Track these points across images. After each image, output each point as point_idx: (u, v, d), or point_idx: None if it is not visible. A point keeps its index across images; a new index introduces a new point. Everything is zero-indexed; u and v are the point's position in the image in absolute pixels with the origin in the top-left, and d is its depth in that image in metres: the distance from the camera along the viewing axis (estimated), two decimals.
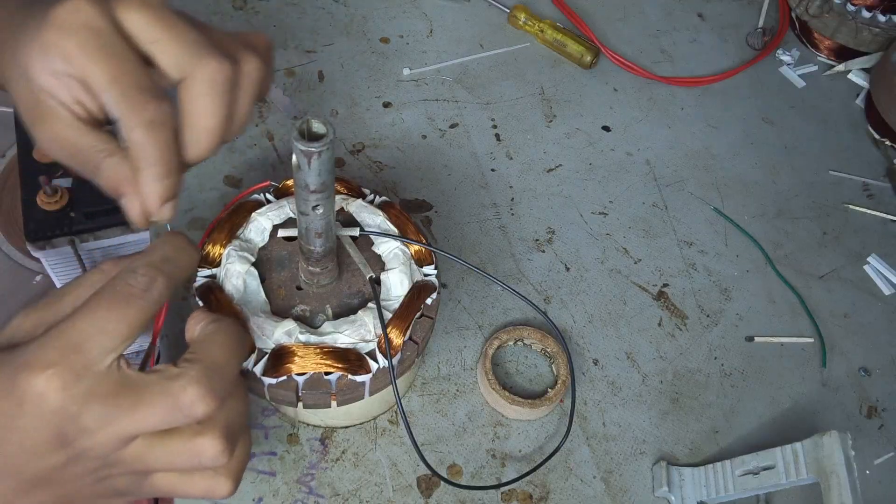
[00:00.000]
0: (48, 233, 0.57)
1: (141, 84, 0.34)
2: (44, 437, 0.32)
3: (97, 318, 0.33)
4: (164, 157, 0.35)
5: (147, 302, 0.34)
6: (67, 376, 0.31)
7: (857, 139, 0.77)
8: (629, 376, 0.59)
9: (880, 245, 0.69)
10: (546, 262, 0.64)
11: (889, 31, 0.78)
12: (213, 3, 0.75)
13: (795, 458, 0.49)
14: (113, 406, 0.32)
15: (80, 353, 0.32)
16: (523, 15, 0.77)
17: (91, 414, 0.32)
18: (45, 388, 0.31)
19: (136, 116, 0.34)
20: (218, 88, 0.35)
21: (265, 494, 0.50)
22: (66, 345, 0.32)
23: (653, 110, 0.75)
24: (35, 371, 0.31)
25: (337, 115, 0.69)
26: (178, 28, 0.35)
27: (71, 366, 0.32)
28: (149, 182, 0.35)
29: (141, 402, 0.33)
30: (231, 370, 0.36)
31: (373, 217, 0.50)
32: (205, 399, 0.33)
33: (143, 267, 0.34)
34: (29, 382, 0.31)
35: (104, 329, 0.32)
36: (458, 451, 0.53)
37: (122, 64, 0.34)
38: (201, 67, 0.35)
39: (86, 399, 0.32)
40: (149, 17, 0.34)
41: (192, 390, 0.33)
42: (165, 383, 0.33)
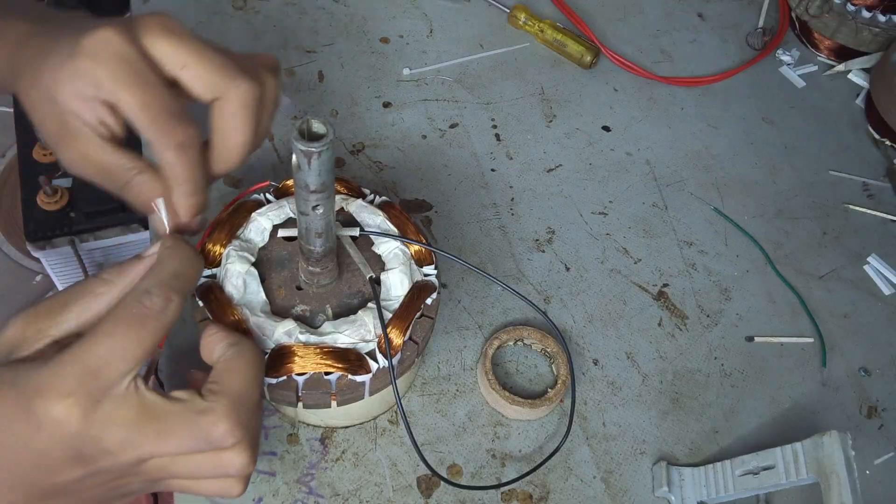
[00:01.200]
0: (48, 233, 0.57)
1: (170, 109, 0.36)
2: (62, 457, 0.32)
3: (114, 342, 0.33)
4: (193, 176, 0.37)
5: (163, 323, 0.34)
6: (87, 403, 0.32)
7: (857, 139, 0.77)
8: (629, 376, 0.59)
9: (880, 245, 0.69)
10: (546, 262, 0.64)
11: (889, 31, 0.78)
12: (213, 4, 0.75)
13: (795, 458, 0.49)
14: (137, 433, 0.33)
15: (97, 378, 0.32)
16: (523, 15, 0.77)
17: (113, 437, 0.33)
18: (64, 416, 0.31)
19: (167, 140, 0.36)
20: (250, 107, 0.38)
21: (265, 494, 0.50)
22: (83, 371, 0.32)
23: (653, 110, 0.75)
24: (52, 398, 0.31)
25: (337, 115, 0.69)
26: (206, 53, 0.37)
27: (89, 392, 0.32)
28: (180, 198, 0.38)
29: (167, 431, 0.33)
30: (255, 397, 0.37)
31: (373, 217, 0.50)
32: (234, 432, 0.34)
33: (157, 287, 0.35)
34: (47, 410, 0.31)
35: (122, 354, 0.33)
36: (458, 451, 0.53)
37: (152, 90, 0.35)
38: (234, 88, 0.37)
39: (106, 423, 0.32)
40: (177, 44, 0.36)
41: (222, 426, 0.34)
42: (195, 417, 0.34)
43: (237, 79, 0.37)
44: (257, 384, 0.38)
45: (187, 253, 0.37)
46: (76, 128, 0.36)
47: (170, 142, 0.36)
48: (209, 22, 0.74)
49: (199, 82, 0.37)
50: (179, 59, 0.36)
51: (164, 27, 0.36)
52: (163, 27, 0.36)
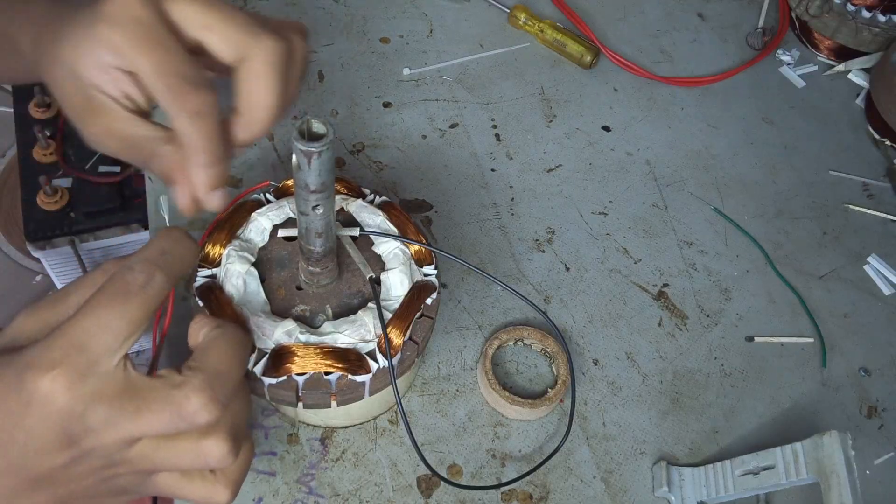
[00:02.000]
0: (48, 233, 0.57)
1: (186, 74, 0.35)
2: (50, 437, 0.32)
3: (97, 316, 0.33)
4: (209, 146, 0.36)
5: (146, 297, 0.34)
6: (73, 375, 0.32)
7: (857, 139, 0.77)
8: (629, 376, 0.59)
9: (880, 245, 0.69)
10: (546, 262, 0.64)
11: (889, 31, 0.78)
12: None
13: (795, 458, 0.49)
14: (118, 409, 0.32)
15: (83, 351, 0.32)
16: (523, 15, 0.77)
17: (97, 414, 0.32)
18: (50, 388, 0.31)
19: (181, 106, 0.35)
20: (276, 66, 0.36)
21: (265, 494, 0.50)
22: (69, 344, 0.32)
23: (653, 110, 0.75)
24: (40, 371, 0.31)
25: (337, 115, 0.69)
26: (230, 13, 0.36)
27: (75, 365, 0.32)
28: (196, 169, 0.36)
29: (145, 407, 0.33)
30: (234, 376, 0.36)
31: (373, 217, 0.50)
32: (207, 407, 0.34)
33: (139, 263, 0.34)
34: (35, 383, 0.31)
35: (106, 327, 0.33)
36: (458, 451, 0.53)
37: (168, 55, 0.34)
38: (260, 46, 0.36)
39: (92, 399, 0.32)
40: (199, 5, 0.35)
41: (195, 399, 0.33)
42: (169, 391, 0.33)
43: (262, 36, 0.36)
44: (238, 364, 0.37)
45: (178, 235, 0.36)
46: (100, 101, 0.36)
47: (184, 108, 0.35)
48: None
49: (223, 43, 0.36)
50: (203, 19, 0.35)
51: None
52: None
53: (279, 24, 0.39)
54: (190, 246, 0.37)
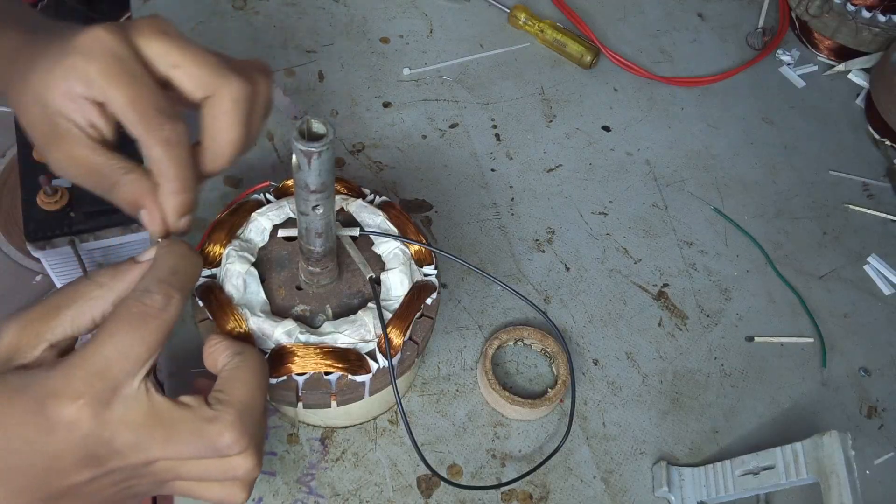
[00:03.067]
0: (48, 233, 0.57)
1: (158, 105, 0.36)
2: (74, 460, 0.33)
3: (118, 342, 0.33)
4: (181, 174, 0.37)
5: (166, 321, 0.35)
6: (97, 404, 0.32)
7: (857, 139, 0.77)
8: (629, 376, 0.59)
9: (880, 245, 0.69)
10: (546, 262, 0.64)
11: (889, 31, 0.78)
12: (213, 3, 0.75)
13: (795, 458, 0.49)
14: (146, 437, 0.33)
15: (105, 379, 0.33)
16: (523, 15, 0.77)
17: (123, 439, 0.33)
18: (76, 417, 0.32)
19: (155, 135, 0.36)
20: (241, 104, 0.38)
21: (265, 494, 0.50)
22: (91, 373, 0.33)
23: (653, 110, 0.75)
24: (64, 401, 0.32)
25: (337, 115, 0.69)
26: (198, 52, 0.38)
27: (99, 393, 0.32)
28: (167, 196, 0.38)
29: (175, 437, 0.34)
30: (260, 406, 0.38)
31: (373, 217, 0.50)
32: (239, 442, 0.35)
33: (156, 285, 0.35)
34: (59, 412, 0.32)
35: (127, 353, 0.33)
36: (458, 451, 0.53)
37: (141, 87, 0.36)
38: (226, 86, 0.38)
39: (117, 424, 0.33)
40: (169, 44, 0.37)
41: (229, 436, 0.35)
42: (202, 425, 0.34)
43: (229, 76, 0.38)
44: (262, 392, 0.38)
45: (184, 250, 0.37)
46: (66, 129, 0.37)
47: (158, 137, 0.36)
48: (209, 22, 0.74)
49: (191, 80, 0.37)
50: (172, 58, 0.37)
51: (157, 28, 0.37)
52: (156, 28, 0.37)
53: (244, 63, 0.41)
54: (196, 260, 0.38)
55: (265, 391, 0.39)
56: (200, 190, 0.40)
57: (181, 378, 0.52)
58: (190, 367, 0.52)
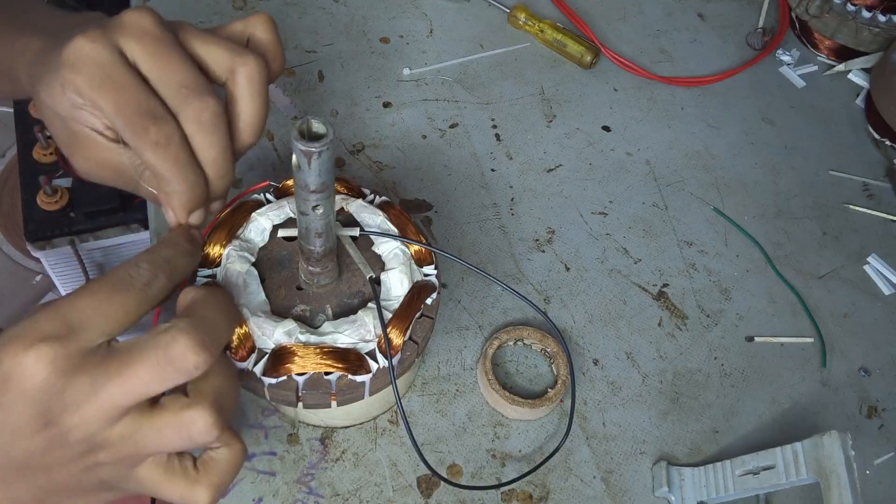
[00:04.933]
0: (48, 233, 0.57)
1: (144, 109, 0.36)
2: (27, 416, 0.31)
3: (96, 298, 0.33)
4: (178, 173, 0.37)
5: (147, 295, 0.35)
6: (58, 352, 0.31)
7: (857, 139, 0.77)
8: (629, 376, 0.59)
9: (880, 245, 0.69)
10: (546, 262, 0.64)
11: (889, 31, 0.78)
12: (213, 3, 0.75)
13: (795, 458, 0.49)
14: (101, 374, 0.32)
15: (75, 331, 0.32)
16: (523, 15, 0.77)
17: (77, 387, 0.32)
18: (33, 363, 0.31)
19: (143, 140, 0.36)
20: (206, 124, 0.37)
21: (265, 494, 0.50)
22: (60, 319, 0.32)
23: (653, 110, 0.75)
24: (25, 344, 0.31)
25: (337, 115, 0.69)
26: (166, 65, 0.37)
27: (63, 343, 0.31)
28: (169, 197, 0.38)
29: (129, 361, 0.32)
30: (221, 330, 0.36)
31: (373, 217, 0.50)
32: (195, 350, 0.32)
33: (146, 262, 0.35)
34: (16, 357, 0.31)
35: (103, 312, 0.33)
36: (458, 451, 0.53)
37: (125, 92, 0.36)
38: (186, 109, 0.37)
39: (73, 374, 0.32)
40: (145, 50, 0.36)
41: (182, 340, 0.32)
42: (153, 338, 0.33)
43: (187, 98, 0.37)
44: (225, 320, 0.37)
45: (184, 247, 0.38)
46: (85, 134, 0.37)
47: (146, 141, 0.36)
48: (209, 22, 0.74)
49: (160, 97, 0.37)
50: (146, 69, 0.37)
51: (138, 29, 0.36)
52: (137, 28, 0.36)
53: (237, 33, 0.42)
54: (192, 260, 0.38)
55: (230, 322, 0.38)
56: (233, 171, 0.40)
57: None
58: None
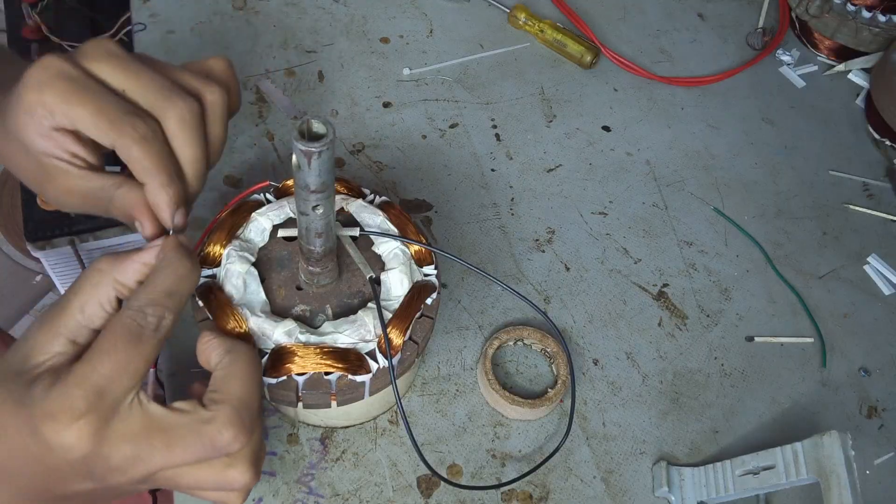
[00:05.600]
0: (48, 233, 0.57)
1: (123, 109, 0.37)
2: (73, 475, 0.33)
3: (115, 360, 0.34)
4: (162, 166, 0.38)
5: (159, 338, 0.35)
6: (97, 424, 0.33)
7: (857, 139, 0.77)
8: (629, 376, 0.59)
9: (880, 245, 0.69)
10: (546, 262, 0.64)
11: (889, 31, 0.78)
12: (213, 3, 0.75)
13: (795, 458, 0.49)
14: (146, 446, 0.34)
15: (104, 398, 0.33)
16: (523, 15, 0.77)
17: (121, 454, 0.33)
18: (76, 440, 0.32)
19: (129, 136, 0.36)
20: (188, 124, 0.38)
21: (265, 494, 0.50)
22: (90, 392, 0.33)
23: (653, 110, 0.75)
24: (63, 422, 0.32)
25: (337, 115, 0.69)
26: (142, 75, 0.38)
27: (98, 412, 0.33)
28: (155, 192, 0.38)
29: (175, 443, 0.34)
30: (256, 401, 0.38)
31: (373, 217, 0.50)
32: (238, 439, 0.35)
33: (150, 306, 0.35)
34: (58, 434, 0.32)
35: (124, 371, 0.34)
36: (458, 451, 0.53)
37: (101, 98, 0.36)
38: (170, 108, 0.38)
39: (115, 441, 0.33)
40: (115, 67, 0.37)
41: (227, 433, 0.35)
42: (200, 426, 0.35)
43: (171, 99, 0.38)
44: (257, 388, 0.38)
45: (183, 270, 0.37)
46: (53, 165, 0.38)
47: (133, 137, 0.36)
48: (209, 22, 0.74)
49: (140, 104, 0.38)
50: (118, 81, 0.37)
51: (103, 50, 0.37)
52: (102, 51, 0.37)
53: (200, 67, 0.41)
54: (194, 279, 0.38)
55: (260, 386, 0.39)
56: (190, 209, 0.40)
57: (181, 378, 0.52)
58: (190, 367, 0.52)
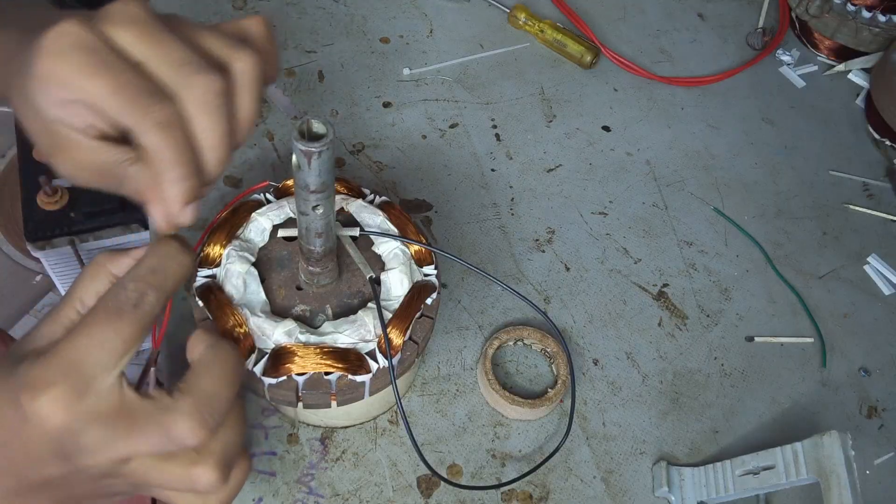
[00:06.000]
0: (48, 233, 0.57)
1: (144, 88, 0.34)
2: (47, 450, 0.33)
3: (91, 334, 0.33)
4: (181, 158, 0.35)
5: (139, 316, 0.34)
6: (69, 394, 0.32)
7: (857, 139, 0.77)
8: (629, 376, 0.59)
9: (880, 245, 0.69)
10: (546, 262, 0.64)
11: (889, 31, 0.78)
12: (213, 3, 0.75)
13: (795, 458, 0.49)
14: (111, 430, 0.33)
15: (79, 370, 0.32)
16: (523, 15, 0.77)
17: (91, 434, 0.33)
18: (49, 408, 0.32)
19: (146, 119, 0.34)
20: (211, 104, 0.35)
21: (265, 494, 0.50)
22: (64, 362, 0.32)
23: (653, 110, 0.75)
24: (38, 391, 0.32)
25: (337, 115, 0.69)
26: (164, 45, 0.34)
27: (72, 384, 0.32)
28: (169, 185, 0.35)
29: (135, 428, 0.33)
30: (224, 400, 0.36)
31: (373, 217, 0.50)
32: (195, 431, 0.34)
33: (132, 281, 0.34)
34: (32, 403, 0.31)
35: (100, 345, 0.33)
36: (458, 451, 0.53)
37: (121, 74, 0.33)
38: (190, 86, 0.34)
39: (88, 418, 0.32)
40: (136, 34, 0.34)
41: (182, 423, 0.34)
42: (158, 414, 0.34)
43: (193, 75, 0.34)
44: (229, 386, 0.37)
45: (168, 249, 0.36)
46: (65, 135, 0.35)
47: (150, 121, 0.34)
48: (209, 22, 0.74)
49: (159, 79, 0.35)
50: (138, 52, 0.34)
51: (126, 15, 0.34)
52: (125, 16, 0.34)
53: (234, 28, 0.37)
54: (182, 261, 0.36)
55: (234, 386, 0.37)
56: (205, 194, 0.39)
57: (181, 378, 0.52)
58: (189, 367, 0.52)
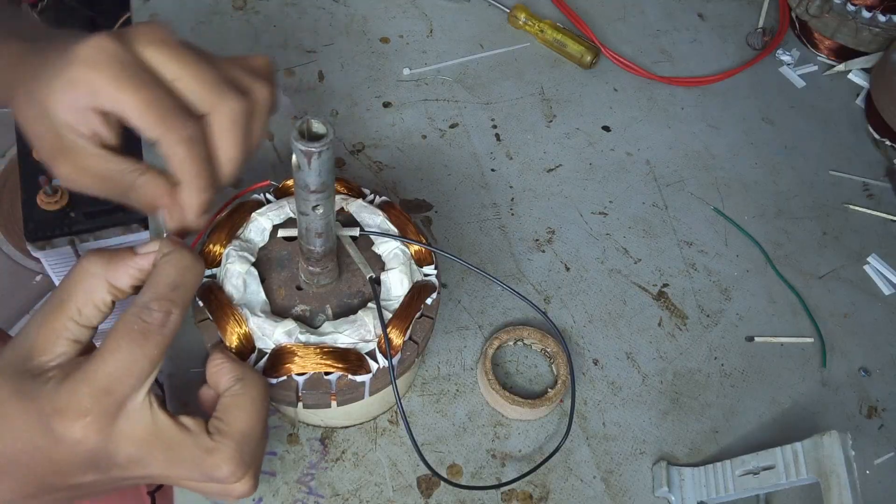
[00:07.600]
0: (48, 233, 0.57)
1: (174, 105, 0.36)
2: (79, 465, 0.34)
3: (121, 359, 0.34)
4: (204, 171, 0.38)
5: (165, 335, 0.35)
6: (103, 421, 0.33)
7: (857, 139, 0.77)
8: (629, 376, 0.59)
9: (880, 245, 0.69)
10: (546, 262, 0.64)
11: (889, 31, 0.78)
12: (213, 3, 0.75)
13: (795, 458, 0.49)
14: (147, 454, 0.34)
15: (110, 396, 0.33)
16: (523, 15, 0.77)
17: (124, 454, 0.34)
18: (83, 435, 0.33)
19: (177, 135, 0.36)
20: (238, 123, 0.38)
21: (265, 494, 0.50)
22: (96, 390, 0.33)
23: (653, 110, 0.75)
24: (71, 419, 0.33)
25: (337, 115, 0.69)
26: (197, 67, 0.37)
27: (104, 410, 0.33)
28: (191, 195, 0.38)
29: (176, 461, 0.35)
30: (259, 434, 0.38)
31: (373, 217, 0.50)
32: (236, 473, 0.36)
33: (156, 302, 0.35)
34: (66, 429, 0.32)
35: (130, 370, 0.34)
36: (458, 451, 0.53)
37: (153, 90, 0.36)
38: (222, 105, 0.37)
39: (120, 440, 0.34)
40: (168, 55, 0.37)
41: (226, 468, 0.36)
42: (201, 455, 0.35)
43: (225, 95, 0.38)
44: (262, 419, 0.39)
45: (185, 262, 0.37)
46: (71, 140, 0.37)
47: (180, 136, 0.36)
48: (209, 22, 0.74)
49: (190, 95, 0.37)
50: (170, 70, 0.37)
51: (156, 37, 0.37)
52: (155, 37, 0.37)
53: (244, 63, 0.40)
54: (198, 271, 0.38)
55: (265, 419, 0.39)
56: None
57: (181, 378, 0.52)
58: (189, 367, 0.52)
